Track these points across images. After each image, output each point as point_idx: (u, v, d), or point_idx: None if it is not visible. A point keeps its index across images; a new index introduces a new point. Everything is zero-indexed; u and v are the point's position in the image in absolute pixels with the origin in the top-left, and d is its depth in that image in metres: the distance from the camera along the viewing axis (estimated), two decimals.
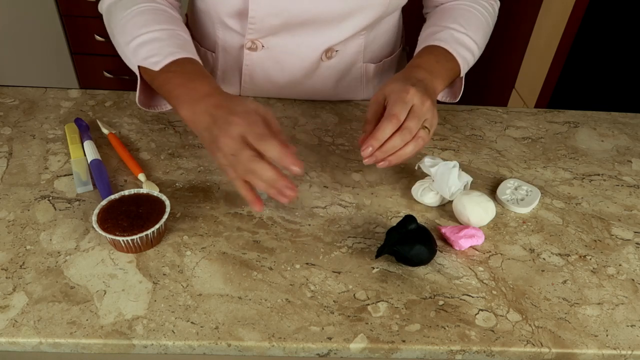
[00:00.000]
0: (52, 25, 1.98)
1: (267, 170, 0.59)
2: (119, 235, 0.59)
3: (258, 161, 0.59)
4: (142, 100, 0.75)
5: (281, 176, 0.59)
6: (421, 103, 0.65)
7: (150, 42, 0.71)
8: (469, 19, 0.81)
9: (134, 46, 0.71)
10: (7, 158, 0.74)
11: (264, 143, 0.59)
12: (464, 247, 0.64)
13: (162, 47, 0.70)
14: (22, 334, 0.53)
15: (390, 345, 0.54)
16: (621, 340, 0.56)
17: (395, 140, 0.64)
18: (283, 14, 0.78)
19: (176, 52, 0.69)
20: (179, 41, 0.72)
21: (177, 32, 0.73)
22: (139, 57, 0.70)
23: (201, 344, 0.53)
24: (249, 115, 0.61)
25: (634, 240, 0.68)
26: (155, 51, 0.69)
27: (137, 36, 0.71)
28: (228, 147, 0.60)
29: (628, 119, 0.93)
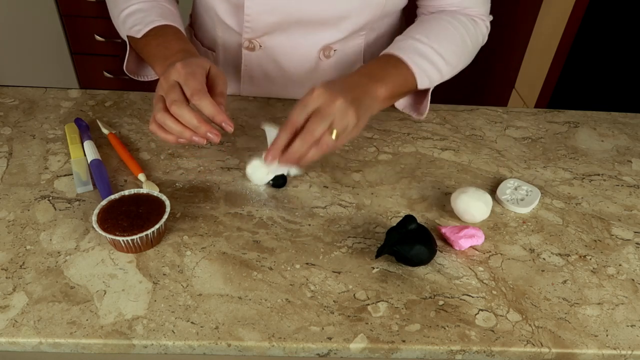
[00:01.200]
0: (52, 25, 1.98)
1: (192, 115, 0.60)
2: (119, 235, 0.59)
3: (183, 105, 0.61)
4: (131, 68, 0.81)
5: (204, 122, 0.61)
6: (328, 102, 0.61)
7: (135, 13, 0.77)
8: (438, 32, 0.78)
9: (122, 17, 0.78)
10: (7, 158, 0.74)
11: (198, 97, 0.61)
12: (464, 247, 0.64)
13: (144, 17, 0.76)
14: (22, 334, 0.53)
15: (390, 345, 0.54)
16: (621, 340, 0.56)
17: (295, 145, 0.61)
18: (278, 11, 0.78)
19: (156, 20, 0.75)
20: (160, 10, 0.77)
21: (159, 2, 0.79)
22: (126, 27, 0.77)
23: (201, 344, 0.53)
24: (193, 69, 0.63)
25: (634, 240, 0.68)
26: (138, 20, 0.75)
27: (125, 8, 0.78)
28: (162, 89, 0.63)
29: (628, 119, 0.93)
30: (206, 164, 0.75)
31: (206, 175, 0.74)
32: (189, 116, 0.61)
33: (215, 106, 0.61)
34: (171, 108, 0.61)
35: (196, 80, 0.62)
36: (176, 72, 0.63)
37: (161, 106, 0.62)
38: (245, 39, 0.83)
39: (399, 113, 0.89)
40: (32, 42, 2.02)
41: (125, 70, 0.80)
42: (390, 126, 0.86)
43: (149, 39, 0.73)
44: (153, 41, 0.73)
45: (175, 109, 0.61)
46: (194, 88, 0.61)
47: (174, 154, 0.77)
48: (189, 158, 0.76)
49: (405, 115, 0.89)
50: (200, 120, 0.61)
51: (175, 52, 0.69)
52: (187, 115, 0.61)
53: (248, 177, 0.72)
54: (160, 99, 0.63)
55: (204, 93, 0.61)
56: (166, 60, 0.69)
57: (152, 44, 0.73)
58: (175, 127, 0.61)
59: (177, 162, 0.76)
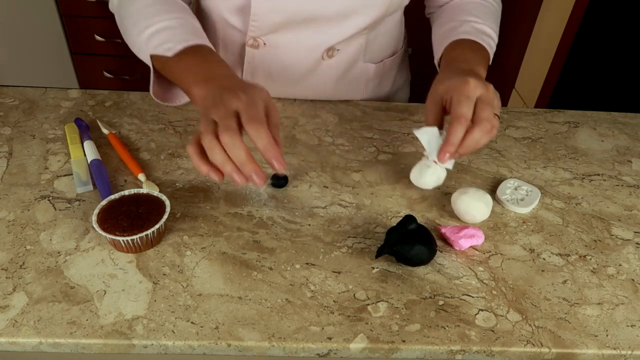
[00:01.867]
0: (52, 25, 1.98)
1: (242, 148, 0.54)
2: (119, 235, 0.59)
3: (236, 135, 0.54)
4: (156, 92, 0.75)
5: (252, 161, 0.55)
6: (486, 90, 0.65)
7: (162, 31, 0.70)
8: (482, 11, 0.84)
9: (146, 35, 0.71)
10: (7, 158, 0.74)
11: (256, 127, 0.55)
12: (464, 247, 0.64)
13: (174, 35, 0.69)
14: (22, 334, 0.53)
15: (390, 345, 0.54)
16: (621, 340, 0.56)
17: (475, 135, 0.63)
18: (285, 11, 0.78)
19: (189, 38, 0.69)
20: (191, 29, 0.72)
21: (188, 20, 0.73)
22: (152, 45, 0.70)
23: (201, 344, 0.53)
24: (254, 97, 0.58)
25: (634, 240, 0.68)
26: (168, 38, 0.69)
27: (149, 26, 0.71)
28: (217, 114, 0.57)
29: (628, 119, 0.93)
30: None
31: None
32: (240, 149, 0.54)
33: (271, 139, 0.55)
34: (223, 135, 0.54)
35: (257, 109, 0.57)
36: (237, 100, 0.57)
37: (212, 129, 0.55)
38: (249, 37, 0.83)
39: (398, 113, 0.89)
40: (32, 42, 2.02)
41: (153, 95, 0.74)
42: (390, 126, 0.86)
43: (182, 58, 0.67)
44: (189, 61, 0.67)
45: (227, 137, 0.54)
46: (254, 116, 0.56)
47: (174, 154, 0.77)
48: (189, 158, 0.76)
49: (405, 115, 0.89)
50: (250, 157, 0.55)
51: (222, 75, 0.64)
52: (239, 147, 0.54)
53: (415, 183, 0.70)
54: (211, 122, 0.56)
55: (262, 123, 0.55)
56: (209, 82, 0.63)
57: (187, 64, 0.67)
58: (220, 156, 0.55)
59: (177, 162, 0.76)
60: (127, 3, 0.75)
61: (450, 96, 0.65)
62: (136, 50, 0.74)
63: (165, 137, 0.80)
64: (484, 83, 0.65)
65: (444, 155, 0.64)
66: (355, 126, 0.86)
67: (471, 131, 0.63)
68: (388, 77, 0.99)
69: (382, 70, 0.96)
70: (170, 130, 0.82)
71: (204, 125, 0.56)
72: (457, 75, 0.66)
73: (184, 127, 0.82)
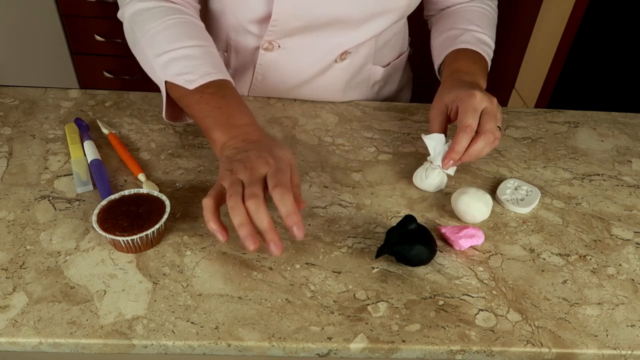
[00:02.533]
0: (52, 25, 1.98)
1: (265, 218, 0.55)
2: (119, 235, 0.59)
3: (262, 204, 0.55)
4: (168, 114, 0.74)
5: (274, 230, 0.56)
6: (491, 103, 0.69)
7: (183, 59, 0.68)
8: (482, 19, 0.86)
9: (164, 60, 0.69)
10: (7, 158, 0.74)
11: (282, 193, 0.55)
12: (464, 247, 0.64)
13: (196, 66, 0.68)
14: (22, 334, 0.53)
15: (390, 345, 0.54)
16: (621, 340, 0.56)
17: (478, 145, 0.68)
18: (305, 16, 0.78)
19: (212, 72, 0.68)
20: (214, 60, 0.70)
21: (210, 49, 0.72)
22: (170, 73, 0.68)
23: (201, 344, 0.53)
24: (282, 163, 0.59)
25: (634, 240, 0.68)
26: (189, 69, 0.67)
27: (169, 51, 0.69)
28: (245, 177, 0.57)
29: (628, 119, 0.93)
30: (206, 164, 0.75)
31: (206, 175, 0.74)
32: (263, 217, 0.55)
33: (295, 206, 0.56)
34: (249, 201, 0.55)
35: (284, 175, 0.57)
36: (266, 165, 0.58)
37: (238, 191, 0.56)
38: (265, 41, 0.82)
39: (398, 113, 0.89)
40: (32, 42, 2.02)
41: (165, 117, 0.74)
42: (390, 126, 0.86)
43: (204, 96, 0.66)
44: (212, 101, 0.66)
45: (253, 205, 0.55)
46: (280, 182, 0.56)
47: (174, 154, 0.77)
48: (189, 158, 0.76)
49: (405, 115, 0.89)
50: (272, 226, 0.55)
51: (243, 124, 0.64)
52: (263, 215, 0.55)
53: (418, 185, 0.73)
54: (237, 183, 0.57)
55: (288, 189, 0.56)
56: (232, 129, 0.63)
57: (209, 104, 0.65)
58: (240, 218, 0.55)
59: (177, 162, 0.76)
60: (145, 20, 0.72)
61: (456, 106, 0.70)
62: (148, 71, 0.73)
63: (165, 137, 0.80)
64: (489, 96, 0.70)
65: (448, 161, 0.69)
66: (355, 126, 0.86)
67: (475, 141, 0.68)
68: (393, 79, 0.99)
69: (389, 73, 0.96)
70: (170, 130, 0.82)
71: (230, 184, 0.57)
72: (463, 88, 0.71)
73: (184, 127, 0.82)
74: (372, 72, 0.92)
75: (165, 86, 0.70)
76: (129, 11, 0.74)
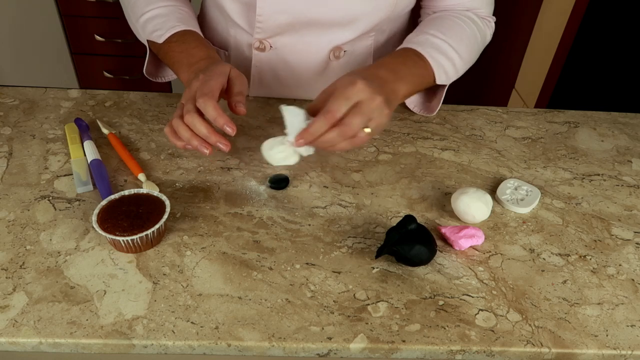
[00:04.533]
0: (52, 25, 1.98)
1: (202, 125, 0.62)
2: (119, 235, 0.59)
3: (196, 116, 0.62)
4: (150, 70, 0.84)
5: (214, 132, 0.63)
6: (369, 99, 0.61)
7: (154, 18, 0.78)
8: (451, 28, 0.79)
9: (142, 22, 0.79)
10: (7, 158, 0.74)
11: (201, 101, 0.62)
12: (464, 247, 0.64)
13: (164, 22, 0.77)
14: (22, 334, 0.53)
15: (390, 345, 0.54)
16: (621, 340, 0.56)
17: (330, 135, 0.61)
18: (289, 11, 0.78)
19: (176, 25, 0.76)
20: (180, 15, 0.79)
21: (178, 7, 0.80)
22: (147, 32, 0.78)
23: (201, 344, 0.53)
24: (210, 75, 0.65)
25: (634, 240, 0.68)
26: (159, 26, 0.77)
27: (144, 13, 0.79)
28: (184, 98, 0.66)
29: (628, 119, 0.93)
30: (206, 164, 0.75)
31: (206, 175, 0.74)
32: (200, 125, 0.62)
33: (217, 110, 0.62)
34: (185, 117, 0.63)
35: (208, 85, 0.63)
36: (196, 81, 0.65)
37: (179, 113, 0.65)
38: (256, 39, 0.83)
39: (398, 113, 0.89)
40: (32, 42, 2.02)
41: (145, 73, 0.83)
42: (390, 126, 0.86)
43: (171, 45, 0.75)
44: (176, 47, 0.74)
45: (188, 118, 0.62)
46: (202, 92, 0.63)
47: (174, 154, 0.77)
48: (189, 158, 0.76)
49: (405, 115, 0.89)
50: (211, 130, 0.63)
51: (199, 59, 0.71)
52: (198, 124, 0.62)
53: (264, 156, 0.68)
54: (180, 107, 0.66)
55: (209, 97, 0.62)
56: (190, 67, 0.71)
57: (175, 51, 0.74)
58: (185, 133, 0.63)
59: (177, 162, 0.76)
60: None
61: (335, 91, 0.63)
62: (136, 34, 0.83)
63: (165, 137, 0.80)
64: (373, 92, 0.62)
65: (299, 139, 0.62)
66: None
67: (330, 130, 0.61)
68: None
69: None
70: None
71: (176, 110, 0.66)
72: (357, 75, 0.64)
73: None
74: None
75: (149, 44, 0.81)
76: None
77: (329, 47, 0.84)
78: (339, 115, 0.61)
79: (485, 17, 0.85)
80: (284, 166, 0.75)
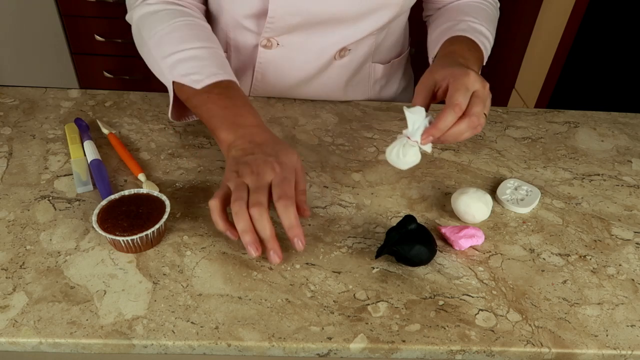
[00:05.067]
0: (52, 25, 1.98)
1: (268, 226, 0.57)
2: (119, 235, 0.59)
3: (265, 212, 0.57)
4: (175, 114, 0.76)
5: (275, 239, 0.58)
6: (483, 87, 0.65)
7: (190, 60, 0.70)
8: (479, 13, 0.85)
9: (171, 62, 0.70)
10: (7, 158, 0.74)
11: (285, 205, 0.57)
12: (464, 247, 0.64)
13: (203, 67, 0.69)
14: (22, 334, 0.53)
15: (390, 345, 0.54)
16: (621, 340, 0.56)
17: (460, 126, 0.63)
18: (302, 12, 0.78)
19: (218, 73, 0.69)
20: (220, 61, 0.72)
21: (216, 51, 0.73)
22: (177, 73, 0.70)
23: (201, 344, 0.53)
24: (288, 171, 0.60)
25: (634, 240, 0.68)
26: (196, 69, 0.69)
27: (176, 52, 0.71)
28: (251, 182, 0.58)
29: (628, 119, 0.93)
30: (206, 164, 0.75)
31: (206, 175, 0.74)
32: (266, 226, 0.57)
33: (297, 219, 0.58)
34: (254, 209, 0.56)
35: (289, 185, 0.59)
36: (272, 172, 0.59)
37: (243, 196, 0.58)
38: (263, 38, 0.82)
39: (398, 113, 0.89)
40: (32, 42, 2.02)
41: (170, 117, 0.75)
42: (390, 126, 0.86)
43: (211, 97, 0.67)
44: (219, 101, 0.67)
45: (257, 213, 0.56)
46: (285, 194, 0.58)
47: (174, 154, 0.77)
48: (189, 158, 0.76)
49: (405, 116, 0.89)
50: (273, 236, 0.57)
51: (249, 125, 0.65)
52: (265, 224, 0.57)
53: (393, 162, 0.66)
54: (242, 186, 0.58)
55: (292, 201, 0.58)
56: (238, 129, 0.64)
57: (217, 104, 0.67)
58: (244, 224, 0.57)
59: (177, 162, 0.76)
60: (153, 22, 0.74)
61: (447, 83, 0.65)
62: (156, 72, 0.74)
63: (165, 137, 0.80)
64: (482, 80, 0.65)
65: (427, 137, 0.63)
66: (355, 126, 0.86)
67: (459, 122, 0.63)
68: (394, 78, 0.99)
69: (390, 71, 0.96)
70: (170, 130, 0.82)
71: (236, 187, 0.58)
72: (457, 66, 0.66)
73: (184, 127, 0.82)
74: (372, 69, 0.92)
75: (173, 87, 0.71)
76: (137, 14, 0.76)
77: (335, 47, 0.84)
78: (464, 107, 0.63)
79: None
80: None
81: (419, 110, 0.64)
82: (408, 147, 0.65)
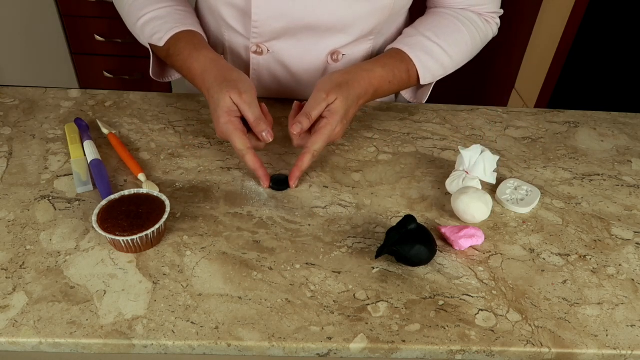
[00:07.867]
0: (52, 25, 1.98)
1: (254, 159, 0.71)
2: (119, 235, 0.59)
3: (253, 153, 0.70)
4: (155, 71, 0.85)
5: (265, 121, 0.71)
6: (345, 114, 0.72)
7: (152, 21, 0.79)
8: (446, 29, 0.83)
9: (140, 26, 0.80)
10: (7, 158, 0.74)
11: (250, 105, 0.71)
12: (464, 247, 0.64)
13: (162, 24, 0.78)
14: (22, 334, 0.53)
15: (390, 345, 0.54)
16: (621, 340, 0.56)
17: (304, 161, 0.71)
18: (285, 17, 0.78)
19: (174, 27, 0.77)
20: (178, 16, 0.80)
21: (175, 8, 0.81)
22: (146, 36, 0.79)
23: (201, 344, 0.53)
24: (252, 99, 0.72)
25: (634, 240, 0.68)
26: (157, 29, 0.78)
27: (141, 16, 0.80)
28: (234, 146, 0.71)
29: (628, 119, 0.93)
30: (206, 164, 0.75)
31: (206, 175, 0.74)
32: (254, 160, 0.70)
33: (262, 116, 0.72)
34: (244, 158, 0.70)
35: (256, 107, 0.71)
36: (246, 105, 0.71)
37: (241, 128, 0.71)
38: (253, 44, 0.83)
39: (398, 113, 0.89)
40: (32, 42, 2.02)
41: (151, 75, 0.84)
42: (390, 126, 0.86)
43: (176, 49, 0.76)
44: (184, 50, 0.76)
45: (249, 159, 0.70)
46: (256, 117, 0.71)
47: (174, 154, 0.77)
48: (189, 158, 0.76)
49: (405, 115, 0.89)
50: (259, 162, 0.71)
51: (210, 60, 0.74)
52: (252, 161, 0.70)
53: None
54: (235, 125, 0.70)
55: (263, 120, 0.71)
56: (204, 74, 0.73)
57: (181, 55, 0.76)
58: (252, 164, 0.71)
59: (177, 162, 0.76)
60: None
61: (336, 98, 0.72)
62: (136, 37, 0.84)
63: (165, 137, 0.80)
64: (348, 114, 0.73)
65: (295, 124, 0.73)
66: (355, 126, 0.86)
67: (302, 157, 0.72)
68: None
69: None
70: (170, 130, 0.82)
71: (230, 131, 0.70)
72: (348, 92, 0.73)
73: (184, 127, 0.82)
74: None
75: (151, 47, 0.81)
76: None
77: (326, 51, 0.84)
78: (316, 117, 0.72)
79: (490, 14, 0.87)
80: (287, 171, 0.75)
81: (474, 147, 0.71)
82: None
